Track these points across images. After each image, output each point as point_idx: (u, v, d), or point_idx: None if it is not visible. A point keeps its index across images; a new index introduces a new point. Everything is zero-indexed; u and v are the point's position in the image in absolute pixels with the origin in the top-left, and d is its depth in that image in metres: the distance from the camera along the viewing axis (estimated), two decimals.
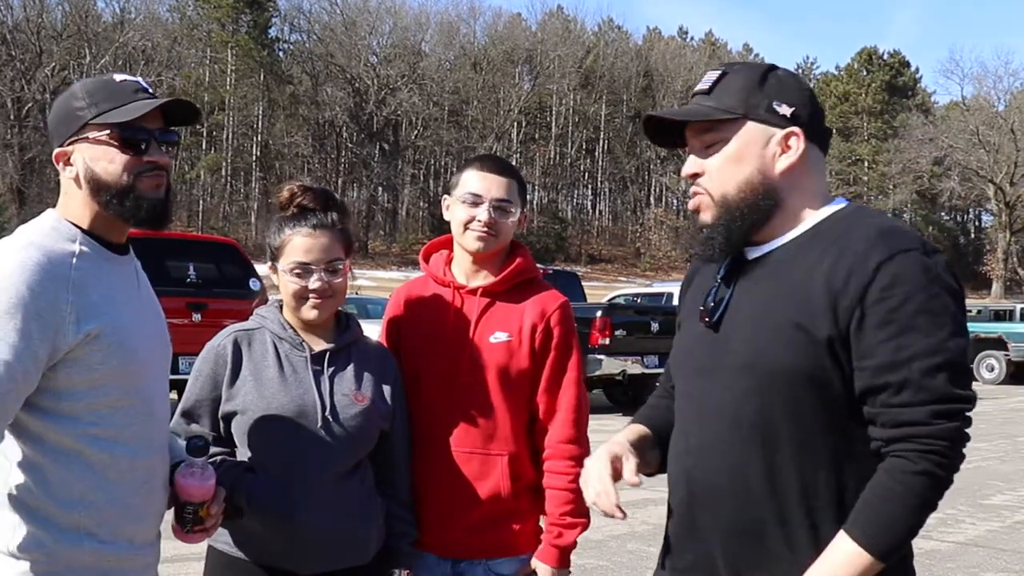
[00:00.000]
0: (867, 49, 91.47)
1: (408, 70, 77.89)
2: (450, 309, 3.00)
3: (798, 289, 2.01)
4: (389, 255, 73.36)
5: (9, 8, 63.60)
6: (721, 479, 2.07)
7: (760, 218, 2.11)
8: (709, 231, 2.14)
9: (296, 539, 2.72)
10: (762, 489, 2.02)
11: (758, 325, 2.06)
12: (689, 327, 2.27)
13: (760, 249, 2.14)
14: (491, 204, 2.94)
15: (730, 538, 2.08)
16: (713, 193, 2.13)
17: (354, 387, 2.82)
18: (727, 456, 2.07)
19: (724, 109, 2.10)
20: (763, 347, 2.02)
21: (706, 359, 2.15)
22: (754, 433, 2.03)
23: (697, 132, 2.15)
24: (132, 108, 2.26)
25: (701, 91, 2.15)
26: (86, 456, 2.21)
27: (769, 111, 2.10)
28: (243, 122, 77.19)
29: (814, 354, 1.97)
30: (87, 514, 2.22)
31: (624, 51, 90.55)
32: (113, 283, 2.29)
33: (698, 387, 2.17)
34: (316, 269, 2.77)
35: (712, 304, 2.17)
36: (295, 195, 2.82)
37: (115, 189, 2.26)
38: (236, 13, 75.77)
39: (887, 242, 1.96)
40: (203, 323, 11.97)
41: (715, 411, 2.10)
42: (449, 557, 2.97)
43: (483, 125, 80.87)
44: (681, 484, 2.19)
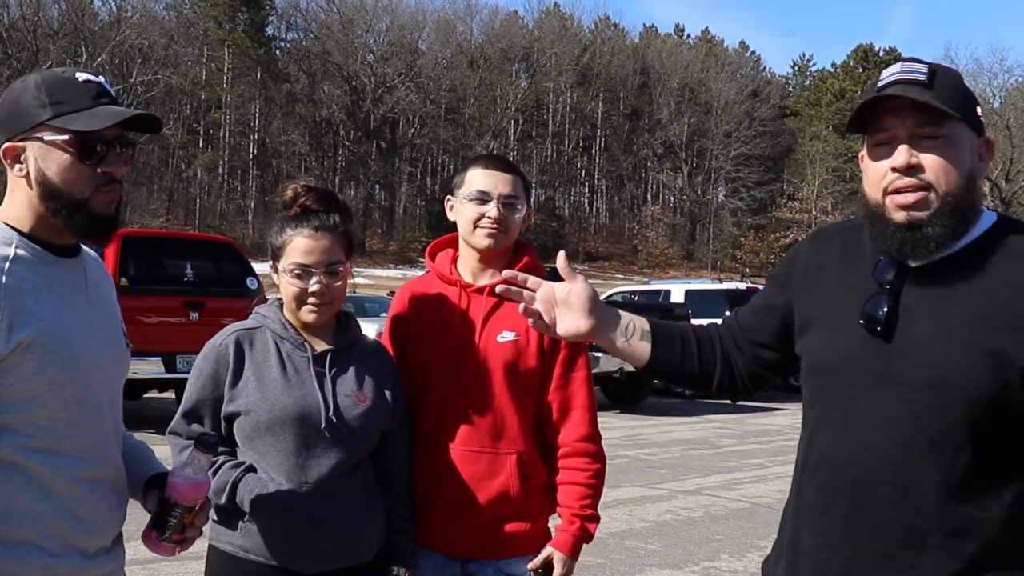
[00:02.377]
0: (863, 46, 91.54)
1: (405, 68, 77.88)
2: (456, 308, 3.00)
3: (986, 308, 2.00)
4: (386, 253, 73.35)
5: (5, 6, 63.49)
6: (892, 491, 2.03)
7: (967, 223, 2.07)
8: (930, 229, 2.04)
9: (298, 538, 2.72)
10: (934, 503, 2.00)
11: (946, 344, 2.01)
12: (842, 328, 2.16)
13: (928, 257, 2.08)
14: (500, 201, 2.94)
15: (896, 551, 2.04)
16: (939, 188, 2.04)
17: (356, 388, 2.82)
18: (901, 470, 2.03)
19: (951, 105, 2.03)
20: (952, 368, 1.99)
21: (875, 368, 2.08)
22: (933, 449, 2.00)
23: (916, 122, 2.05)
24: (95, 115, 2.15)
25: (915, 82, 2.05)
26: (25, 468, 2.11)
27: (975, 117, 2.10)
28: (240, 120, 77.14)
29: (1006, 377, 1.96)
30: (32, 527, 2.11)
31: (621, 49, 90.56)
32: (54, 287, 2.17)
33: (863, 396, 2.09)
34: (316, 271, 2.77)
35: (879, 312, 2.09)
36: (298, 195, 2.82)
37: (68, 200, 2.15)
38: (233, 11, 75.67)
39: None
40: (200, 322, 11.98)
41: (891, 423, 2.05)
42: (458, 557, 2.96)
43: (480, 123, 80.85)
44: (843, 493, 2.11)
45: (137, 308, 11.56)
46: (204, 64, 75.19)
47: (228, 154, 76.52)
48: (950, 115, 2.03)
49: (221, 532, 2.79)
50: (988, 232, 2.09)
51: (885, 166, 2.08)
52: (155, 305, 12.04)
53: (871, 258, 2.17)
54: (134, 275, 11.96)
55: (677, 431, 14.71)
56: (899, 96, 2.04)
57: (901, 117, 2.06)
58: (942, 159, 2.04)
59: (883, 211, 2.09)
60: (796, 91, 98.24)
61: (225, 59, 74.55)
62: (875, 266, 2.15)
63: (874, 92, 2.09)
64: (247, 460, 2.76)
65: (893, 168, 2.06)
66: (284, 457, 2.72)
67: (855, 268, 2.20)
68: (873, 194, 2.12)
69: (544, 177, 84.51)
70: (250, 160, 77.16)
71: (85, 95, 2.17)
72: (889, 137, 2.08)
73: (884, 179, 2.08)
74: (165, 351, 11.82)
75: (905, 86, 2.05)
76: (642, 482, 10.19)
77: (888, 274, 2.12)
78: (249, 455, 2.77)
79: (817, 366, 2.24)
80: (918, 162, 2.05)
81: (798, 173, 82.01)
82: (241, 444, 2.79)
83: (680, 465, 11.34)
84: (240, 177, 78.43)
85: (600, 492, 2.99)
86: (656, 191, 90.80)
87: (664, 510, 8.83)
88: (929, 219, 2.04)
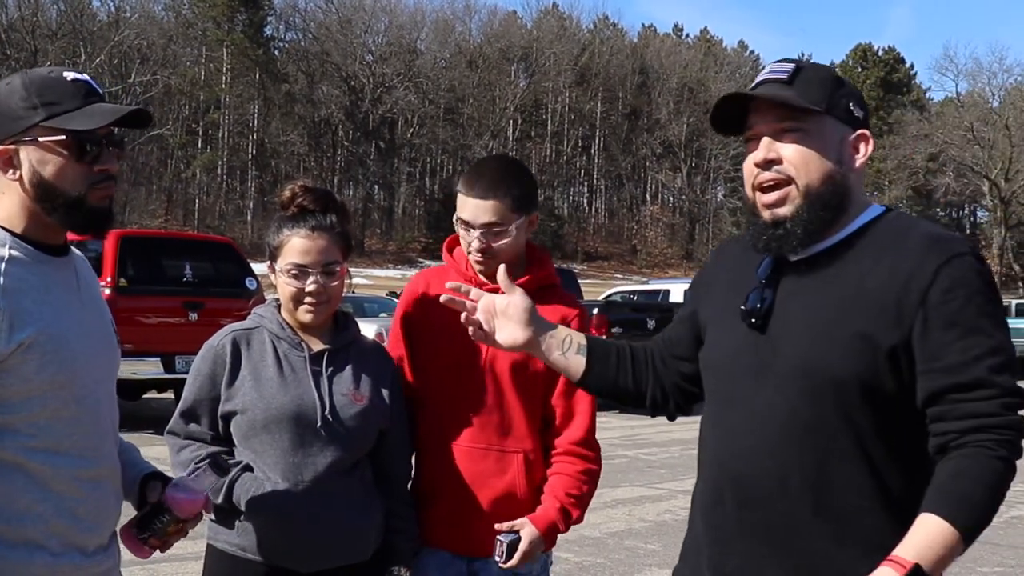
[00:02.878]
0: (862, 46, 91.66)
1: (404, 68, 77.88)
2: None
3: (855, 295, 2.04)
4: (385, 253, 73.36)
5: (4, 7, 63.47)
6: (773, 481, 2.07)
7: (834, 216, 2.11)
8: (792, 224, 2.10)
9: (295, 537, 2.73)
10: (815, 490, 2.04)
11: (814, 331, 2.06)
12: (727, 325, 2.23)
13: (805, 251, 2.13)
14: (480, 231, 2.88)
15: (782, 539, 2.08)
16: (798, 181, 2.10)
17: (352, 387, 2.82)
18: (780, 458, 2.07)
19: (810, 100, 2.09)
20: (821, 353, 2.04)
21: (754, 361, 2.14)
22: (808, 436, 2.05)
23: (775, 118, 2.11)
24: (91, 115, 2.15)
25: (778, 80, 2.13)
26: (27, 468, 2.11)
27: (846, 110, 2.14)
28: (239, 121, 77.14)
29: (873, 361, 2.01)
30: (34, 527, 2.12)
31: (619, 48, 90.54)
32: (49, 287, 2.17)
33: (744, 389, 2.15)
34: (312, 271, 2.77)
35: (757, 305, 2.15)
36: (296, 195, 2.82)
37: (65, 199, 2.14)
38: (231, 12, 75.68)
39: (942, 247, 2.03)
40: (199, 322, 11.97)
41: (765, 414, 2.09)
42: (464, 555, 2.96)
43: (479, 123, 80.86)
44: (726, 488, 2.16)
45: (136, 308, 11.58)
46: (203, 64, 75.19)
47: (227, 154, 76.50)
48: (810, 109, 2.08)
49: (219, 531, 2.79)
50: (867, 224, 2.14)
51: (751, 162, 2.16)
52: (154, 305, 12.05)
53: (760, 256, 2.22)
54: (133, 275, 11.96)
55: (677, 431, 14.68)
56: (754, 96, 2.12)
57: (763, 115, 2.13)
58: (800, 150, 2.09)
59: (755, 208, 2.17)
60: None
61: (224, 59, 74.53)
62: (760, 264, 2.21)
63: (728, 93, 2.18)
64: (243, 459, 2.77)
65: (756, 164, 2.13)
66: (280, 456, 2.73)
67: (745, 269, 2.24)
68: (747, 190, 2.19)
69: (543, 177, 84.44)
70: (249, 160, 77.15)
71: (75, 95, 2.17)
72: (754, 135, 2.15)
73: (752, 175, 2.15)
74: (164, 351, 11.83)
75: (767, 85, 2.13)
76: (641, 482, 10.19)
77: (768, 269, 2.18)
78: (246, 454, 2.78)
79: (707, 364, 2.30)
80: (776, 155, 2.10)
81: None
82: (238, 443, 2.80)
83: (680, 465, 11.33)
84: (239, 177, 78.42)
85: (590, 495, 2.98)
86: (655, 191, 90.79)
87: (664, 510, 8.83)
88: (791, 216, 2.10)
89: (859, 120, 2.15)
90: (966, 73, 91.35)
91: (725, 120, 2.21)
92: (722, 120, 2.21)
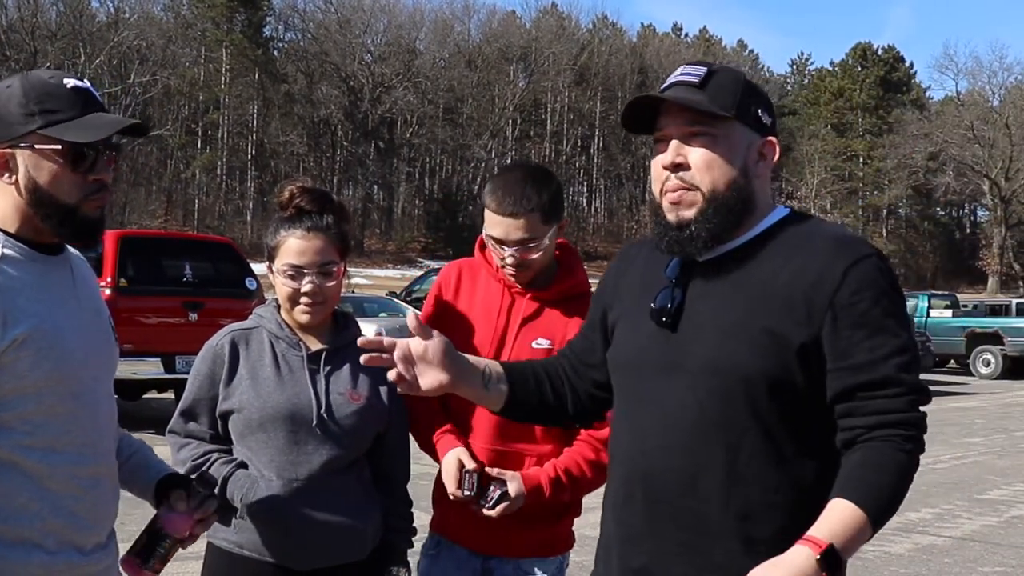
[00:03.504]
0: (861, 45, 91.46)
1: (403, 68, 77.84)
2: (498, 305, 2.98)
3: (764, 295, 2.07)
4: (385, 253, 73.31)
5: (3, 8, 63.47)
6: (683, 478, 2.08)
7: (738, 220, 2.14)
8: (697, 228, 2.12)
9: (289, 535, 2.74)
10: (725, 487, 2.05)
11: (722, 328, 2.09)
12: (636, 325, 2.24)
13: (712, 252, 2.16)
14: (513, 247, 2.88)
15: (690, 537, 2.09)
16: (703, 188, 2.12)
17: (350, 386, 2.83)
18: (691, 456, 2.08)
19: (719, 106, 2.11)
20: (729, 351, 2.06)
21: (663, 359, 2.15)
22: (718, 434, 2.06)
23: (684, 121, 2.13)
24: (89, 126, 2.14)
25: (689, 83, 2.14)
26: (22, 467, 2.11)
27: (755, 117, 2.16)
28: (238, 121, 77.11)
29: (782, 358, 2.04)
30: (30, 525, 2.11)
31: (619, 48, 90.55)
32: (44, 285, 2.17)
33: (655, 387, 2.16)
34: (309, 272, 2.78)
35: (667, 304, 2.16)
36: (294, 196, 2.84)
37: (59, 207, 2.15)
38: (230, 12, 75.65)
39: (849, 249, 2.09)
40: (199, 322, 11.95)
41: (677, 412, 2.11)
42: (480, 553, 2.97)
43: (478, 123, 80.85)
44: (636, 485, 2.16)
45: (136, 309, 11.57)
46: (202, 65, 75.16)
47: (226, 155, 76.48)
48: (718, 115, 2.10)
49: (217, 528, 2.79)
50: (773, 226, 2.17)
51: (659, 165, 2.17)
52: (154, 306, 12.03)
53: (668, 257, 2.24)
54: (133, 276, 11.95)
55: None
56: (663, 98, 2.13)
57: (673, 117, 2.14)
58: (707, 155, 2.11)
59: (660, 210, 2.18)
60: (794, 90, 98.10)
61: (223, 60, 74.50)
62: (668, 264, 2.22)
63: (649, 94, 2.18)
64: (239, 457, 2.79)
65: (664, 166, 2.15)
66: (275, 454, 2.74)
67: (654, 270, 2.26)
68: (655, 191, 2.20)
69: None
70: (248, 161, 77.12)
71: (75, 103, 2.16)
72: (663, 136, 2.16)
73: (660, 178, 2.16)
74: (164, 351, 11.81)
75: (678, 88, 2.14)
76: None
77: (676, 269, 2.20)
78: (242, 452, 2.79)
79: (616, 363, 2.30)
80: (683, 160, 2.12)
81: (796, 172, 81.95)
82: (235, 442, 2.82)
83: None
84: (238, 178, 78.38)
85: (591, 484, 2.92)
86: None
87: None
88: (695, 218, 2.12)
89: (767, 127, 2.18)
90: (966, 72, 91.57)
91: (637, 119, 2.22)
92: (633, 119, 2.22)
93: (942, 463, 11.52)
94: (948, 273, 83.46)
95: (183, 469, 2.78)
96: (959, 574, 7.06)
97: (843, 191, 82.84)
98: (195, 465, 2.78)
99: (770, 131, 2.19)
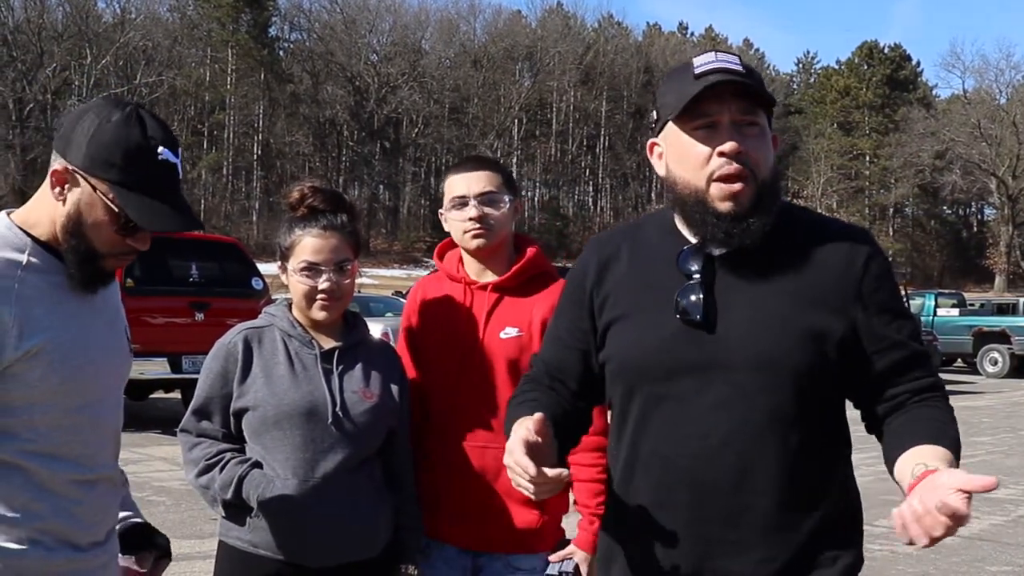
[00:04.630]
0: (868, 43, 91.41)
1: (408, 68, 77.93)
2: (462, 305, 3.02)
3: (797, 287, 2.08)
4: (391, 253, 73.43)
5: (10, 9, 63.63)
6: (734, 476, 2.05)
7: (774, 211, 2.12)
8: (756, 221, 2.06)
9: (304, 533, 2.75)
10: (779, 481, 2.05)
11: (764, 324, 2.06)
12: (653, 323, 2.13)
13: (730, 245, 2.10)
14: (476, 199, 2.94)
15: (742, 535, 2.06)
16: (759, 176, 2.07)
17: (363, 384, 2.85)
18: (742, 453, 2.05)
19: (769, 96, 2.10)
20: (774, 346, 2.05)
21: (699, 357, 2.08)
22: (771, 428, 2.05)
23: (739, 108, 2.07)
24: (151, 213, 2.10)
25: (736, 71, 2.07)
26: (25, 469, 2.12)
27: (772, 111, 2.16)
28: (244, 121, 77.24)
29: (825, 349, 2.06)
30: (30, 524, 2.12)
31: (624, 47, 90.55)
32: (62, 296, 2.16)
33: (692, 386, 2.08)
34: (325, 269, 2.80)
35: (697, 302, 2.08)
36: (305, 196, 2.85)
37: (86, 250, 2.14)
38: (236, 12, 75.78)
39: (861, 238, 2.17)
40: (206, 322, 11.98)
41: (723, 408, 2.06)
42: (469, 550, 2.98)
43: (484, 122, 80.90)
44: (681, 487, 2.09)
45: (143, 309, 11.58)
46: (208, 65, 75.28)
47: (232, 155, 76.61)
48: (764, 107, 2.10)
49: (230, 527, 2.81)
50: (780, 217, 2.13)
51: (707, 150, 2.06)
52: (160, 306, 12.05)
53: (669, 250, 2.17)
54: (139, 276, 11.97)
55: None
56: (734, 82, 2.05)
57: (725, 104, 2.06)
58: (762, 144, 2.08)
59: (705, 198, 2.08)
60: (801, 89, 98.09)
61: (229, 60, 74.65)
62: (677, 257, 2.15)
63: (698, 82, 2.06)
64: (253, 456, 2.79)
65: (721, 153, 2.05)
66: (291, 452, 2.75)
67: (654, 263, 2.19)
68: (693, 179, 2.09)
69: (548, 176, 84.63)
70: (254, 161, 77.24)
71: (155, 181, 2.12)
72: (711, 122, 2.07)
73: (709, 164, 2.06)
74: (171, 352, 11.83)
75: (727, 74, 2.06)
76: None
77: (694, 264, 2.12)
78: (256, 451, 2.80)
79: (629, 365, 2.18)
80: (743, 148, 2.05)
81: (803, 171, 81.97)
82: (249, 440, 2.82)
83: None
84: (244, 178, 78.52)
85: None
86: (660, 190, 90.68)
87: None
88: (751, 210, 2.06)
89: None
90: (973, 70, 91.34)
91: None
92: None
93: None
94: (955, 272, 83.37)
95: (196, 469, 2.79)
96: (967, 573, 7.05)
97: (849, 190, 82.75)
98: (208, 464, 2.78)
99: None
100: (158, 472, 9.73)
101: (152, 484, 9.13)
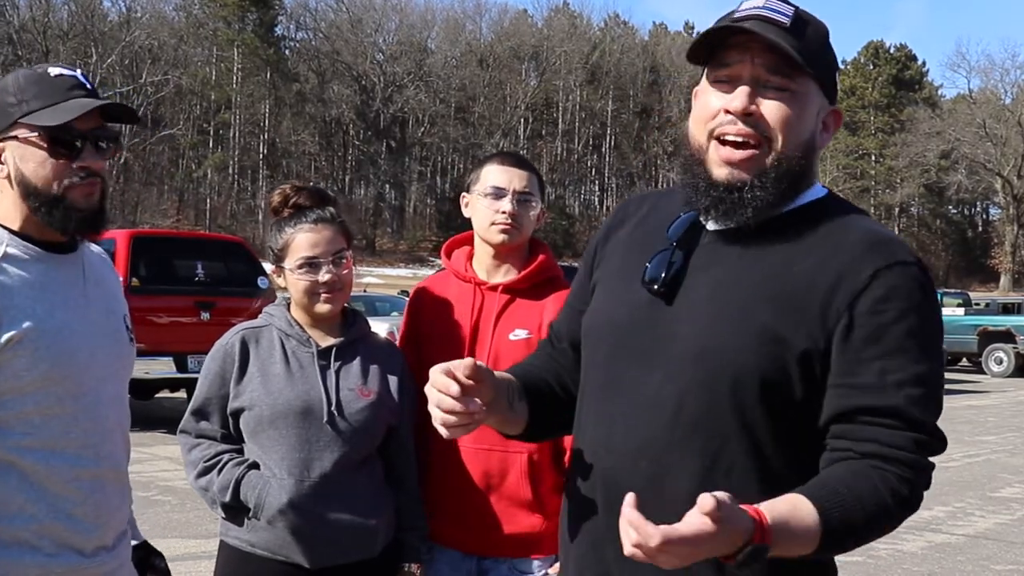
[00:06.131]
0: (873, 43, 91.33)
1: (414, 67, 77.94)
2: (471, 305, 3.00)
3: (775, 284, 1.77)
4: (396, 252, 73.42)
5: (15, 8, 63.73)
6: (647, 484, 1.76)
7: (790, 192, 1.83)
8: (752, 193, 1.78)
9: (301, 533, 2.74)
10: (687, 498, 1.60)
11: (718, 312, 1.78)
12: (621, 288, 1.92)
13: (739, 222, 1.83)
14: (514, 196, 2.95)
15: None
16: (775, 144, 1.79)
17: (360, 381, 2.84)
18: (659, 460, 1.78)
19: (807, 58, 1.77)
20: (721, 339, 1.76)
21: (648, 337, 1.83)
22: (695, 437, 1.76)
23: (764, 65, 1.78)
24: (63, 109, 2.10)
25: (777, 22, 1.77)
26: (20, 468, 2.10)
27: (831, 82, 1.86)
28: (250, 120, 77.26)
29: (780, 360, 1.73)
30: (26, 527, 2.10)
31: (630, 47, 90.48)
32: (47, 284, 2.15)
33: (632, 371, 1.84)
34: (324, 262, 2.80)
35: (662, 273, 1.84)
36: (288, 196, 2.86)
37: (44, 197, 2.12)
38: (242, 11, 75.83)
39: (885, 249, 1.77)
40: (211, 322, 11.98)
41: (653, 404, 1.80)
42: (473, 554, 2.97)
43: (490, 122, 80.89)
44: (598, 487, 1.87)
45: (148, 308, 11.59)
46: (214, 64, 75.33)
47: (238, 154, 76.62)
48: (804, 69, 1.77)
49: (230, 528, 2.81)
50: (807, 206, 1.86)
51: (717, 105, 1.81)
52: (166, 305, 12.07)
53: (673, 216, 1.92)
54: (145, 275, 11.99)
55: None
56: (752, 32, 1.76)
57: (749, 55, 1.78)
58: (784, 111, 1.78)
59: (704, 158, 1.83)
60: None
61: (235, 59, 74.65)
62: (672, 222, 1.90)
63: (726, 22, 1.80)
64: (250, 457, 2.79)
65: (727, 110, 1.79)
66: (287, 451, 2.74)
67: (653, 229, 1.95)
68: (697, 134, 1.85)
69: (554, 175, 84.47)
70: (260, 160, 77.25)
71: (58, 89, 2.13)
72: (731, 75, 1.81)
73: (713, 119, 1.81)
74: (176, 351, 11.85)
75: (764, 24, 1.77)
76: None
77: (682, 230, 1.88)
78: (253, 451, 2.80)
79: (589, 331, 1.97)
80: (756, 110, 1.78)
81: None
82: (246, 440, 2.82)
83: None
84: (250, 177, 78.52)
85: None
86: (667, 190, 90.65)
87: None
88: (752, 181, 1.79)
89: (836, 94, 1.89)
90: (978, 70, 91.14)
91: (695, 46, 1.85)
92: (693, 47, 1.85)
93: (955, 461, 11.48)
94: (960, 271, 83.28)
95: (195, 471, 2.79)
96: (972, 572, 7.05)
97: (855, 189, 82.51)
98: (206, 467, 2.79)
99: (835, 99, 1.89)
100: (163, 471, 9.75)
101: (157, 483, 9.14)
